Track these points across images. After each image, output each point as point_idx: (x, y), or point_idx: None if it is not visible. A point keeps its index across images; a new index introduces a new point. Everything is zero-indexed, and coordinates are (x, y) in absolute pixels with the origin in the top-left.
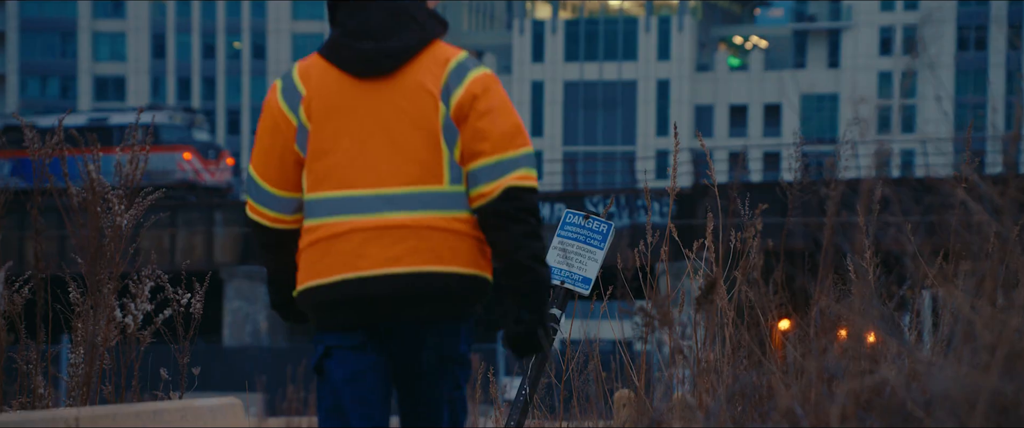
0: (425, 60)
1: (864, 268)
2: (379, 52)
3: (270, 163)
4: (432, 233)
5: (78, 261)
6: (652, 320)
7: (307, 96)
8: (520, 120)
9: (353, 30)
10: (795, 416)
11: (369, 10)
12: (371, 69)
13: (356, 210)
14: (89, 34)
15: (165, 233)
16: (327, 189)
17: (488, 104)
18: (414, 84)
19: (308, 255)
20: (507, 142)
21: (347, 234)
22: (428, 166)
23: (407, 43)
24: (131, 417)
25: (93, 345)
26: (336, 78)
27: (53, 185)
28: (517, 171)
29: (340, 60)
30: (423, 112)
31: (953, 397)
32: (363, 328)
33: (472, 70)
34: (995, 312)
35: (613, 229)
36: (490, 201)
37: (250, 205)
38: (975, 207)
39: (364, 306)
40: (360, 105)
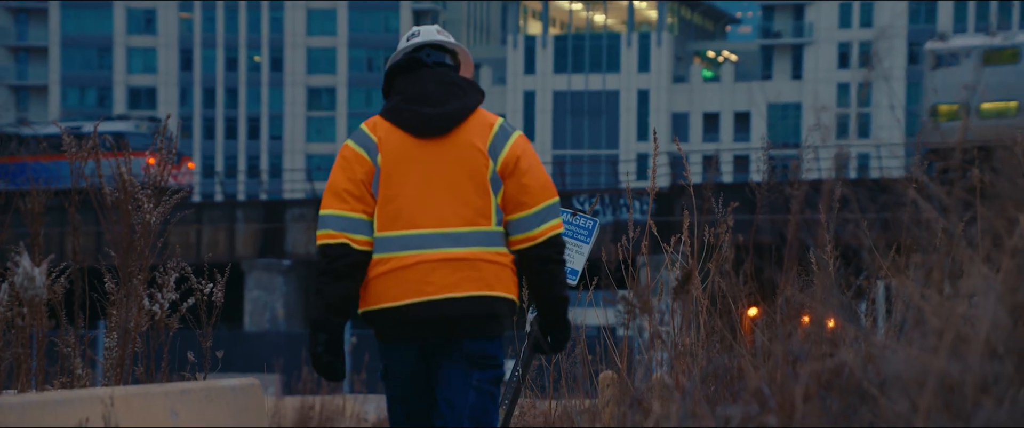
0: (473, 123)
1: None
2: (437, 116)
3: (350, 197)
4: (483, 264)
5: (112, 254)
6: (633, 308)
7: (379, 144)
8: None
9: (413, 97)
10: (763, 395)
11: (425, 81)
12: (431, 130)
13: (422, 246)
14: (123, 49)
15: (191, 229)
16: (397, 229)
17: (529, 163)
18: (466, 143)
19: (378, 283)
20: (545, 194)
21: (414, 266)
22: (479, 210)
23: (459, 109)
24: (160, 396)
25: (126, 330)
26: (400, 136)
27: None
28: (553, 220)
29: (403, 122)
30: (475, 166)
31: (905, 378)
32: (420, 345)
33: (512, 134)
34: (942, 300)
35: (598, 225)
36: (534, 246)
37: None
38: (925, 205)
39: (425, 325)
40: (421, 159)
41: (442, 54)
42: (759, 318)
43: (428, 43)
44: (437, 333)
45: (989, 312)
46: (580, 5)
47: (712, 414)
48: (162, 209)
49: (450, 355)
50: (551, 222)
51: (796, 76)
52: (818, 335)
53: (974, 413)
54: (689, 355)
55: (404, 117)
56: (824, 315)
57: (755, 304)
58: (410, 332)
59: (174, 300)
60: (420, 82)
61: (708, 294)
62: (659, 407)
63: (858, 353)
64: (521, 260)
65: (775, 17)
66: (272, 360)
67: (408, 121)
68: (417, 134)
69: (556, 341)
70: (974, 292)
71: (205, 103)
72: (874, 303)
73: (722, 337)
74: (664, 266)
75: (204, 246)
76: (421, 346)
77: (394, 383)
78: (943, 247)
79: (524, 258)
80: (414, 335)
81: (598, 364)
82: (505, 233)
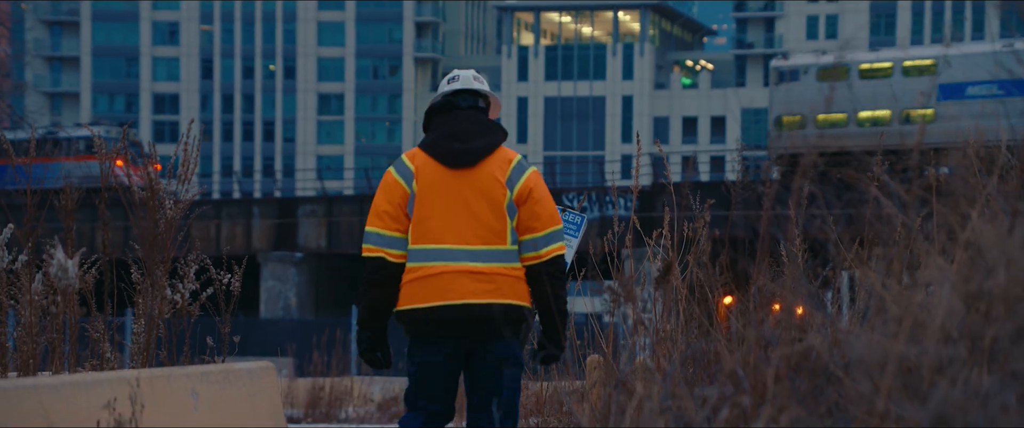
0: (495, 158)
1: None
2: (466, 151)
3: (388, 218)
4: (499, 277)
5: (138, 247)
6: (618, 297)
7: (415, 172)
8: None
9: (447, 134)
10: (737, 377)
11: (458, 120)
12: (460, 162)
13: (447, 258)
14: (149, 58)
15: (211, 224)
16: (427, 243)
17: (540, 194)
18: (488, 175)
19: (410, 288)
20: (553, 222)
21: (440, 274)
22: (496, 231)
23: (484, 146)
24: (182, 378)
25: (151, 317)
26: (434, 166)
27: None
28: (557, 242)
29: (437, 154)
30: (494, 194)
31: (867, 361)
32: (452, 344)
33: (527, 169)
34: (901, 289)
35: (586, 220)
36: (541, 263)
37: (377, 251)
38: (886, 202)
39: (456, 327)
40: (451, 186)
41: (475, 98)
42: (734, 306)
43: (464, 89)
44: (467, 335)
45: (944, 300)
46: (569, 18)
47: (691, 394)
48: (183, 206)
49: (484, 358)
50: (556, 244)
51: (768, 83)
52: (788, 321)
53: (931, 393)
54: (670, 340)
55: (438, 150)
56: (793, 303)
57: (730, 293)
58: (435, 330)
59: (195, 289)
60: (454, 121)
61: (687, 284)
62: (642, 388)
63: (825, 338)
64: (528, 273)
65: (748, 29)
66: (285, 345)
67: (441, 154)
68: (449, 165)
69: (553, 352)
70: (930, 282)
71: (224, 108)
72: (839, 292)
73: (700, 323)
74: (646, 258)
75: (223, 240)
76: (454, 347)
77: (423, 378)
78: (902, 240)
79: (531, 272)
80: (441, 335)
81: (586, 349)
82: (517, 251)
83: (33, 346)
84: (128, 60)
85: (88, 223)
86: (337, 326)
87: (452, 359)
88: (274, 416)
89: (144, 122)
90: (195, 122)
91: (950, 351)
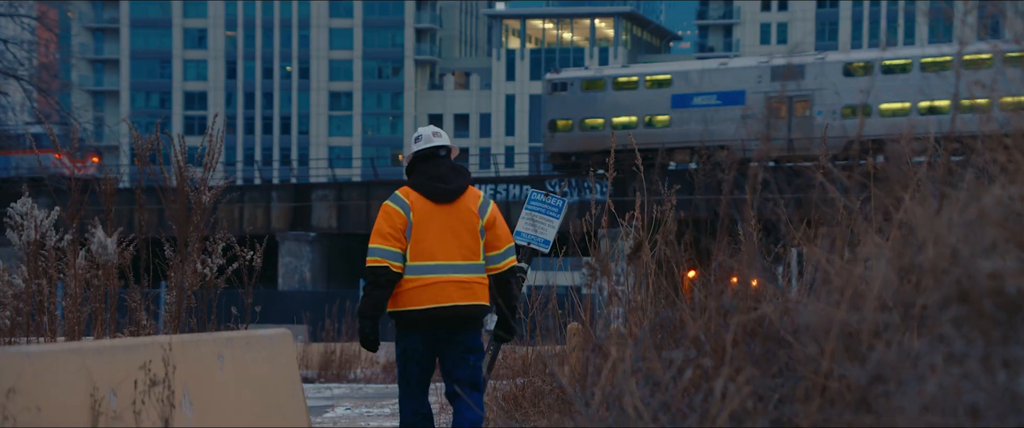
0: (468, 194)
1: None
2: (449, 191)
3: (391, 238)
4: (475, 285)
5: (171, 227)
6: (595, 271)
7: (411, 206)
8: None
9: (432, 176)
10: (700, 342)
11: (439, 167)
12: (445, 199)
13: (439, 272)
14: (181, 61)
15: (235, 207)
16: (423, 260)
17: (500, 221)
18: (466, 208)
19: (409, 294)
20: (509, 241)
21: (435, 284)
22: (474, 249)
23: (461, 185)
24: (209, 342)
25: (181, 289)
26: (425, 201)
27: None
28: (512, 256)
29: (426, 193)
30: (471, 222)
31: (813, 326)
32: (432, 334)
33: (490, 203)
34: (843, 264)
35: (566, 204)
36: (501, 273)
37: (383, 262)
38: (830, 187)
39: (441, 322)
40: (439, 217)
41: (445, 148)
42: (697, 279)
43: (437, 145)
44: (443, 327)
45: (880, 273)
46: (551, 25)
47: (659, 357)
48: (213, 192)
49: (455, 346)
50: (511, 258)
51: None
52: (744, 293)
53: (869, 355)
54: (640, 310)
55: (427, 189)
56: (749, 276)
57: (693, 268)
58: (430, 325)
59: (221, 264)
60: (437, 168)
61: (655, 260)
62: (616, 352)
63: (776, 307)
64: (492, 279)
65: (709, 35)
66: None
67: (430, 192)
68: (436, 201)
69: (506, 334)
70: (868, 257)
71: (246, 105)
72: (789, 267)
73: (667, 295)
74: (620, 237)
75: (245, 221)
76: (428, 338)
77: (408, 359)
78: (844, 221)
79: (494, 278)
80: (433, 328)
81: (566, 317)
82: (485, 263)
83: (78, 314)
84: (162, 62)
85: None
86: (346, 297)
87: (428, 346)
88: (291, 377)
89: (176, 117)
90: (220, 117)
91: (886, 318)
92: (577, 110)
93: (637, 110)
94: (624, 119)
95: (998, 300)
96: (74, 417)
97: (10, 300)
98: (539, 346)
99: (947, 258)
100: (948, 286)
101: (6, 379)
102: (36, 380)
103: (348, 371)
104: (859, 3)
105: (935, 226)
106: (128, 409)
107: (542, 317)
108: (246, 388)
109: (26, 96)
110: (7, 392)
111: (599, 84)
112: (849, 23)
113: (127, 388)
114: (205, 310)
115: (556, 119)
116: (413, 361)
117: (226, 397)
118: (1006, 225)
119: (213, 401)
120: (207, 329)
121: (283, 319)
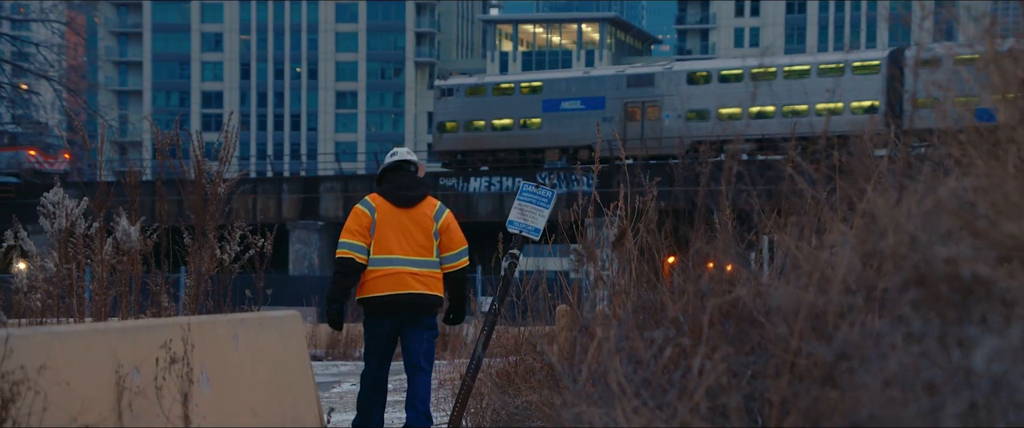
0: (426, 203)
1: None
2: (409, 197)
3: (357, 234)
4: (428, 278)
5: (190, 216)
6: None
7: (375, 209)
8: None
9: (397, 185)
10: (679, 322)
11: (403, 177)
12: (405, 204)
13: (397, 264)
14: (199, 63)
15: (249, 198)
16: (383, 254)
17: (454, 227)
18: (422, 213)
19: (373, 283)
20: (462, 244)
21: (394, 274)
22: (428, 248)
23: (420, 194)
24: (225, 323)
25: (199, 274)
26: (388, 206)
27: None
28: (464, 258)
29: (391, 198)
30: (427, 226)
31: (784, 308)
32: (394, 318)
33: (445, 210)
34: (811, 250)
35: (555, 194)
36: (455, 271)
37: (349, 254)
38: (798, 179)
39: (400, 307)
40: (399, 219)
41: (411, 164)
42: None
43: (405, 160)
44: (407, 311)
45: (845, 259)
46: (541, 29)
47: (641, 337)
48: (228, 184)
49: (415, 327)
50: (463, 259)
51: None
52: (720, 277)
53: (834, 334)
54: (624, 293)
55: (392, 195)
56: (724, 262)
57: (673, 254)
58: (388, 310)
59: (236, 251)
60: (402, 178)
61: (638, 247)
62: (601, 332)
63: (749, 290)
64: (445, 276)
65: (687, 38)
66: (309, 297)
67: (394, 198)
68: (398, 205)
69: (457, 319)
70: (834, 244)
71: (259, 103)
72: (761, 253)
73: (648, 279)
74: (605, 226)
75: (258, 211)
76: (394, 322)
77: (374, 341)
78: (811, 210)
79: (447, 275)
80: (390, 313)
81: (555, 300)
82: (439, 261)
83: (104, 297)
84: (181, 64)
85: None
86: None
87: (392, 329)
88: (300, 355)
89: (194, 115)
90: (234, 114)
91: (850, 300)
92: (462, 113)
93: (514, 113)
94: (503, 121)
95: (953, 284)
96: (100, 392)
97: (42, 284)
98: (530, 327)
99: (906, 245)
100: (907, 271)
101: (38, 356)
102: (65, 357)
103: (354, 350)
104: (825, 9)
105: (895, 215)
106: (150, 385)
107: (533, 300)
108: (259, 365)
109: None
110: (38, 368)
111: (481, 90)
112: (816, 27)
113: (149, 365)
114: (221, 293)
115: (444, 121)
116: (379, 341)
117: (241, 374)
118: (960, 214)
119: (229, 377)
120: (223, 311)
121: (293, 302)
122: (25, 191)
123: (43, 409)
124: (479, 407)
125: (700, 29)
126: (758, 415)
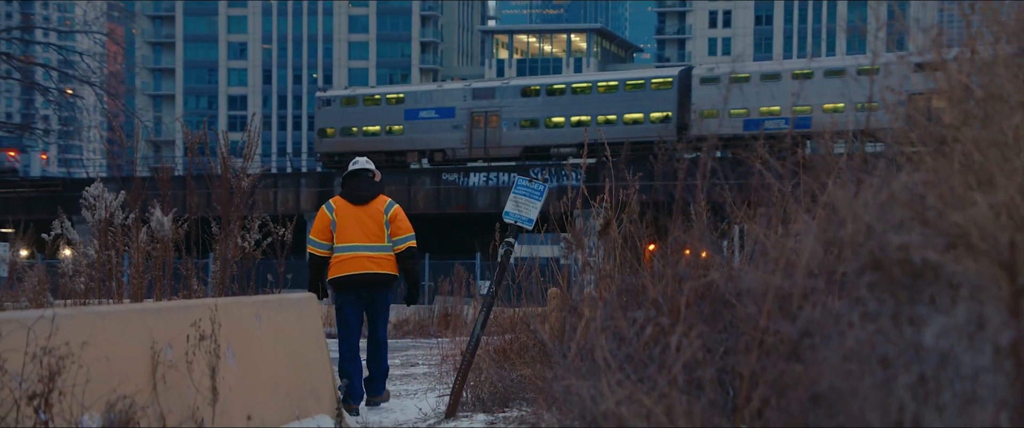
0: (378, 200)
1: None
2: (364, 197)
3: (321, 234)
4: (382, 260)
5: (217, 208)
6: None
7: (335, 209)
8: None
9: (355, 187)
10: (659, 303)
11: (360, 181)
12: (360, 202)
13: (356, 250)
14: (225, 70)
15: (270, 191)
16: (345, 242)
17: (401, 217)
18: (375, 208)
19: (338, 266)
20: (407, 231)
21: (354, 258)
22: (380, 236)
23: (374, 193)
24: (249, 304)
25: (225, 260)
26: (346, 204)
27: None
28: (411, 241)
29: (349, 198)
30: (379, 218)
31: (753, 290)
32: (356, 293)
33: (394, 205)
34: (778, 238)
35: (547, 188)
36: (404, 251)
37: (315, 250)
38: (767, 173)
39: (360, 284)
40: (356, 214)
41: (369, 171)
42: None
43: (364, 168)
44: (368, 288)
45: (808, 246)
46: (534, 39)
47: (624, 316)
48: (251, 178)
49: (375, 302)
50: (409, 242)
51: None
52: (695, 262)
53: (798, 314)
54: (609, 277)
55: (350, 197)
56: (699, 249)
57: (653, 242)
58: (353, 286)
59: (258, 239)
60: (360, 181)
61: (622, 236)
62: (588, 312)
63: (722, 274)
64: (396, 257)
65: (666, 47)
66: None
67: (351, 198)
68: (354, 203)
69: (412, 298)
70: (798, 232)
71: (279, 106)
72: (733, 241)
73: (631, 264)
74: (592, 216)
75: (278, 203)
76: (358, 295)
77: (344, 312)
78: (778, 202)
79: (398, 255)
80: (353, 288)
81: (547, 283)
82: (391, 245)
83: (141, 280)
84: (210, 71)
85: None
86: None
87: (357, 302)
88: (317, 334)
89: (221, 116)
90: (257, 115)
91: (812, 283)
92: (339, 120)
93: (381, 121)
94: (372, 128)
95: (905, 268)
96: (137, 366)
97: (85, 268)
98: (524, 308)
99: (863, 233)
100: (864, 256)
101: (81, 334)
102: (106, 335)
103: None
104: (790, 21)
105: (853, 207)
106: (182, 359)
107: (527, 283)
108: (280, 343)
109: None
110: (82, 344)
111: (354, 101)
112: (781, 37)
113: (181, 342)
114: (245, 277)
115: (324, 127)
116: (348, 313)
117: (263, 350)
118: (912, 206)
119: (252, 353)
120: (247, 293)
121: None
122: (70, 185)
123: (86, 381)
124: (478, 380)
125: (678, 39)
126: (730, 387)
